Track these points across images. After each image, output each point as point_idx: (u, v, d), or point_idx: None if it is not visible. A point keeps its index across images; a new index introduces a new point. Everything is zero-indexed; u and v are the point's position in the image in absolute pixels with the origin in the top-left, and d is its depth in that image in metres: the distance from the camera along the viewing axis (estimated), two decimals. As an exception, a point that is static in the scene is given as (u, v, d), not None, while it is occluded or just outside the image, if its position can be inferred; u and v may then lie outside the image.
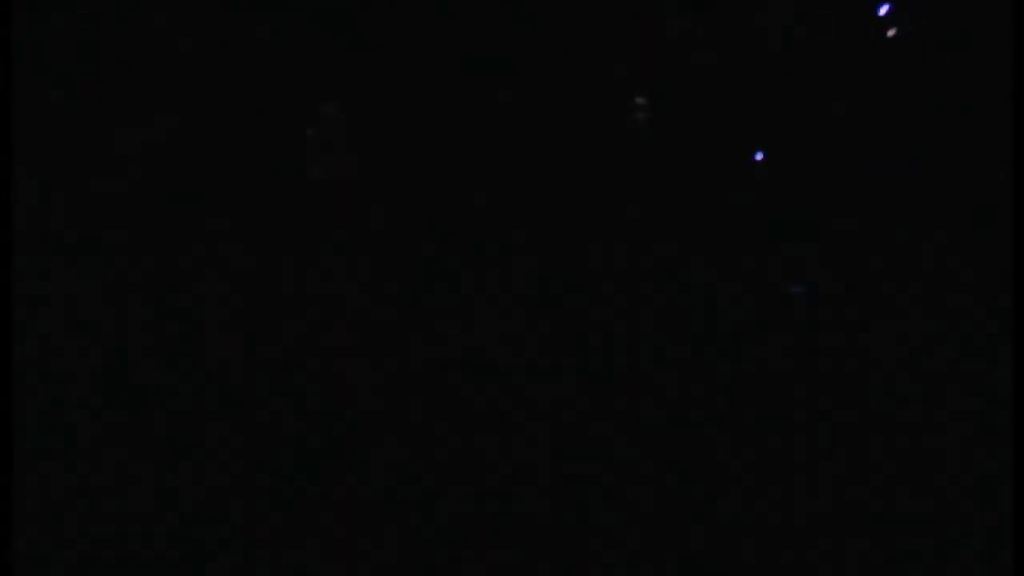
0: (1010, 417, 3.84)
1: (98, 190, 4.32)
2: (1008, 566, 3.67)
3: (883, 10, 4.59)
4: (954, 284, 4.44)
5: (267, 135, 4.48)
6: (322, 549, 4.10)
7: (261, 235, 4.45)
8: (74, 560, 3.99)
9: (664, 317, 4.56)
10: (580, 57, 4.61)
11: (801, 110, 4.68)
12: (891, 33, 4.60)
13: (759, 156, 4.65)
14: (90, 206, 4.31)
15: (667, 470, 4.31)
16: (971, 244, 4.46)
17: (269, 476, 4.18)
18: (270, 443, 4.23)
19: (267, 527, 4.11)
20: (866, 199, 4.63)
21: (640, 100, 4.66)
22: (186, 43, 4.38)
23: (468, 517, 4.19)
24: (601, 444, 4.33)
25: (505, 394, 4.38)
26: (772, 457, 4.32)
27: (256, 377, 4.30)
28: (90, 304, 4.25)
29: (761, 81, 4.65)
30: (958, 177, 4.55)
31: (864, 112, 4.64)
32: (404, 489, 4.24)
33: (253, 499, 4.14)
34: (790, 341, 4.51)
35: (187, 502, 4.10)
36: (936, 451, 4.24)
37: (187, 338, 4.31)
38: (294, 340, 4.36)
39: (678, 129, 4.67)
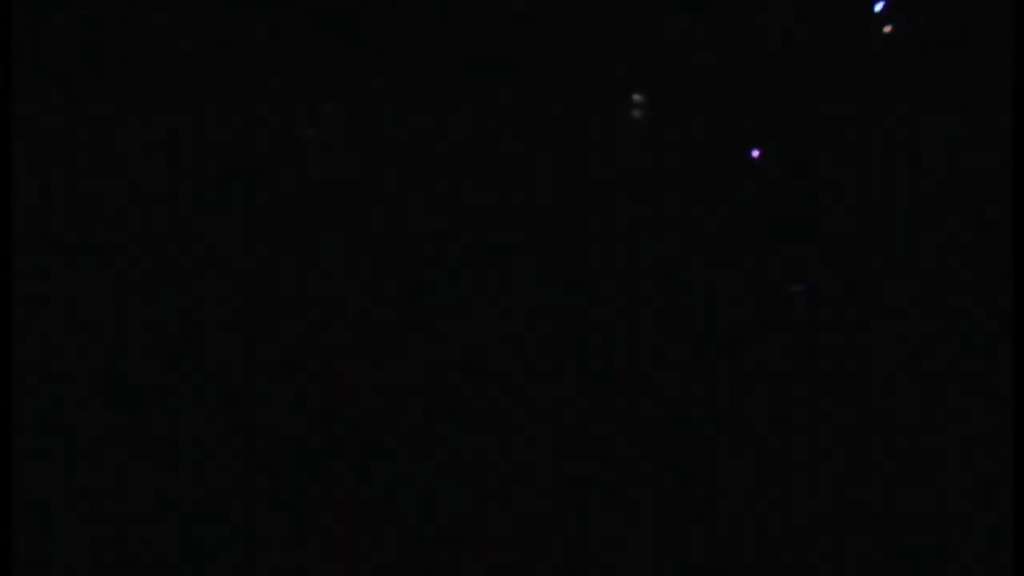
0: (1010, 417, 3.84)
1: (98, 190, 4.32)
2: (1008, 566, 3.66)
3: (879, 6, 4.59)
4: (954, 284, 4.43)
5: (267, 135, 4.47)
6: (322, 549, 4.10)
7: (261, 235, 4.44)
8: (74, 560, 3.99)
9: (664, 317, 4.55)
10: (580, 57, 4.61)
11: (801, 110, 4.67)
12: (887, 30, 4.59)
13: (755, 153, 4.64)
14: (90, 206, 4.30)
15: (667, 470, 4.30)
16: (971, 244, 4.45)
17: (269, 476, 4.18)
18: (270, 443, 4.23)
19: (267, 527, 4.11)
20: (866, 199, 4.62)
21: (639, 99, 4.65)
22: (186, 43, 4.37)
23: (468, 517, 4.18)
24: (601, 444, 4.33)
25: (505, 394, 4.38)
26: (772, 457, 4.32)
27: (256, 377, 4.30)
28: (90, 304, 4.25)
29: (761, 81, 4.64)
30: (958, 177, 4.55)
31: (864, 112, 4.64)
32: (404, 489, 4.24)
33: (253, 499, 4.14)
34: (790, 341, 4.51)
35: (187, 502, 4.10)
36: (936, 451, 4.23)
37: (187, 338, 4.30)
38: (294, 340, 4.36)
39: (678, 129, 4.67)
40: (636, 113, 4.66)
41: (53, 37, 4.28)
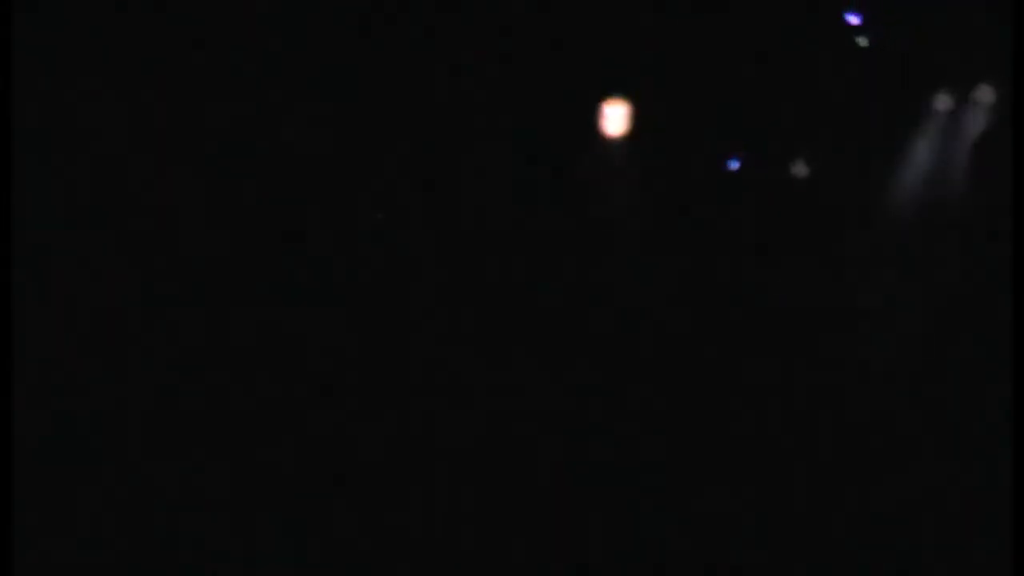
0: (1010, 417, 3.85)
1: (98, 190, 4.32)
2: (1008, 566, 3.67)
3: (854, 20, 4.59)
4: (954, 284, 4.45)
5: (267, 135, 4.48)
6: (322, 549, 4.11)
7: (261, 234, 4.45)
8: (74, 560, 3.99)
9: (663, 318, 4.57)
10: (579, 57, 4.62)
11: (799, 112, 4.69)
12: (863, 43, 4.59)
13: (735, 164, 4.66)
14: (90, 206, 4.31)
15: (665, 470, 4.32)
16: (971, 244, 4.46)
17: (269, 477, 4.19)
18: (268, 443, 4.24)
19: (267, 527, 4.12)
20: (865, 201, 4.64)
21: (637, 100, 4.66)
22: (186, 43, 4.38)
23: (468, 517, 4.19)
24: (602, 444, 4.34)
25: (505, 394, 4.39)
26: (771, 457, 4.33)
27: (256, 378, 4.31)
28: (90, 304, 4.25)
29: (759, 82, 4.65)
30: (957, 178, 4.56)
31: (863, 113, 4.65)
32: (404, 490, 4.25)
33: (253, 499, 4.15)
34: (788, 342, 4.53)
35: (186, 502, 4.10)
36: (936, 451, 4.25)
37: (187, 339, 4.31)
38: (295, 342, 4.37)
39: (676, 129, 4.68)
40: (633, 115, 4.67)
41: (53, 37, 4.28)
